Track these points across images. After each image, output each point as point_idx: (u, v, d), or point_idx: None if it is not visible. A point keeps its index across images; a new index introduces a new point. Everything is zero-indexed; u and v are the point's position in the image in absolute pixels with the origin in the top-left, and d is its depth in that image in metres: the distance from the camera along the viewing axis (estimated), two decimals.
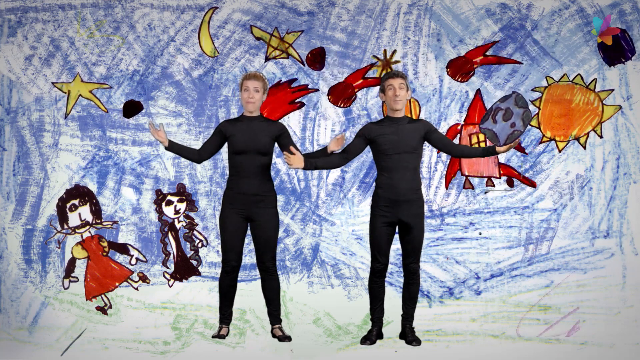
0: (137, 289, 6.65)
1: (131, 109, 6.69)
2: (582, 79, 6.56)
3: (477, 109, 6.59)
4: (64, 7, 6.72)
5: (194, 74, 6.71)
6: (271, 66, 6.69)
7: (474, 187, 6.62)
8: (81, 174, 6.71)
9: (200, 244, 6.67)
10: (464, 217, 6.62)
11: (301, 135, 6.67)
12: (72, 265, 6.68)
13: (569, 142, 6.59)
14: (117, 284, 6.66)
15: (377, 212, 5.59)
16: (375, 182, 5.65)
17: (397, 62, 6.63)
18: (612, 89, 6.55)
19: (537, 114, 6.56)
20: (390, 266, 5.82)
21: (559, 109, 6.58)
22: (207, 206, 6.68)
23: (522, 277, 6.56)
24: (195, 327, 6.49)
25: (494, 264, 6.58)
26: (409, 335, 5.72)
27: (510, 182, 6.60)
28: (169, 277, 6.67)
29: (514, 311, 6.49)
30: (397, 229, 5.63)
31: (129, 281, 6.66)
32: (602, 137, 6.57)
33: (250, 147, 5.58)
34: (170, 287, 6.66)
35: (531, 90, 6.58)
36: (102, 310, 6.63)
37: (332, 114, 6.66)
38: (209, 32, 6.70)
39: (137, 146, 6.71)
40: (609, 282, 6.49)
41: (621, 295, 6.47)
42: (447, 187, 6.62)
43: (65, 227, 6.71)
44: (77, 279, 6.67)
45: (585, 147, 6.58)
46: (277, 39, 6.67)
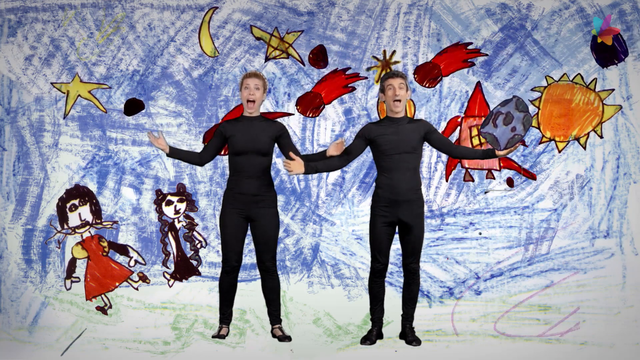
0: (137, 289, 6.65)
1: (132, 107, 6.68)
2: (582, 78, 6.55)
3: (477, 102, 6.58)
4: (64, 7, 6.72)
5: (194, 74, 6.70)
6: (271, 66, 6.68)
7: (473, 180, 6.60)
8: (81, 174, 6.71)
9: (199, 245, 6.67)
10: (464, 217, 6.61)
11: (301, 135, 6.66)
12: (73, 265, 6.68)
13: (569, 142, 6.58)
14: (117, 284, 6.66)
15: (377, 212, 5.58)
16: (375, 182, 5.64)
17: (396, 62, 6.63)
18: (612, 89, 6.54)
19: (537, 114, 6.56)
20: (390, 266, 5.82)
21: (559, 109, 6.57)
22: (207, 206, 6.68)
23: (522, 277, 6.55)
24: (195, 327, 6.48)
25: (494, 264, 6.58)
26: (409, 335, 5.72)
27: (510, 182, 6.60)
28: (169, 277, 6.67)
29: (514, 311, 6.49)
30: (397, 229, 5.62)
31: (129, 281, 6.66)
32: (602, 137, 6.56)
33: (250, 147, 5.58)
34: (170, 287, 6.66)
35: (531, 90, 6.58)
36: (102, 310, 6.63)
37: (332, 114, 6.66)
38: (209, 32, 6.70)
39: (137, 146, 6.71)
40: (609, 282, 6.48)
41: (621, 295, 6.47)
42: (447, 179, 6.60)
43: (65, 227, 6.70)
44: (78, 279, 6.67)
45: (585, 147, 6.57)
46: (277, 39, 6.67)
